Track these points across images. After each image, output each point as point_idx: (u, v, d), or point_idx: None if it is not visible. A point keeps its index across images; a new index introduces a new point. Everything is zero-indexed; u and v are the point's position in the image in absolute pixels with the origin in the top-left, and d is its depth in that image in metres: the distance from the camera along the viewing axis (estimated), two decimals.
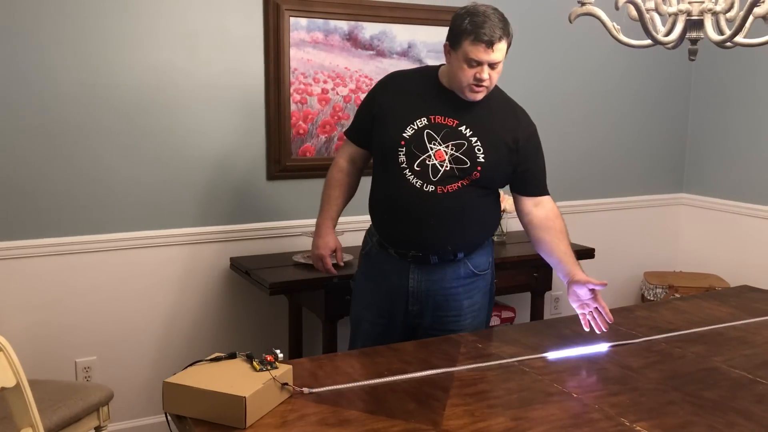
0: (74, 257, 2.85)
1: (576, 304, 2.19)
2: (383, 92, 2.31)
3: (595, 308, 2.15)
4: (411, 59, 3.34)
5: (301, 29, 3.10)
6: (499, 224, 3.13)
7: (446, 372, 1.88)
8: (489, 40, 2.05)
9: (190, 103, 2.96)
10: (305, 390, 1.72)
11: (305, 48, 3.12)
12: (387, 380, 1.81)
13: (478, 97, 2.16)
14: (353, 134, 2.42)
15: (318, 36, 3.14)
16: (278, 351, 1.71)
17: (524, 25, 3.07)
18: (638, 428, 1.59)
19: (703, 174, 4.18)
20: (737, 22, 1.80)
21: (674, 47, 1.95)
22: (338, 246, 2.48)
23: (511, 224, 3.33)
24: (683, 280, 3.91)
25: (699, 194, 4.21)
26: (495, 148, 2.19)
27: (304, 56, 3.12)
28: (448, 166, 2.16)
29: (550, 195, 2.33)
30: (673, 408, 1.70)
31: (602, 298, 2.17)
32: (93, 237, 2.87)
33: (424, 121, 2.19)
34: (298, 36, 3.10)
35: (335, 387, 1.76)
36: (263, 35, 3.05)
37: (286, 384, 1.68)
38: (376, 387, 1.79)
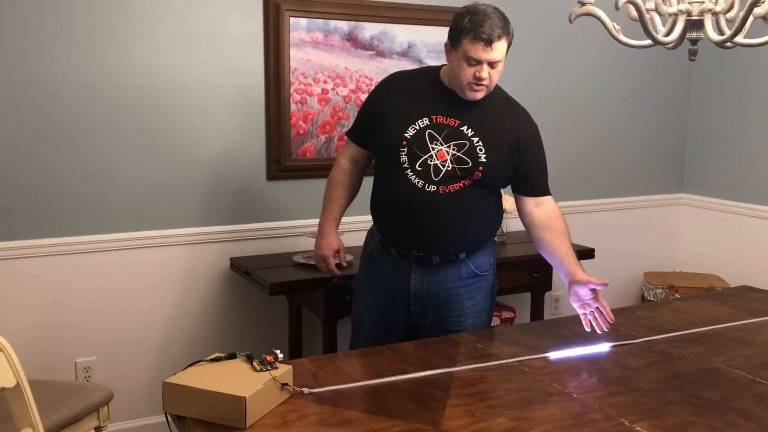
0: (74, 257, 2.85)
1: (577, 304, 2.18)
2: (385, 92, 2.32)
3: (597, 308, 2.15)
4: (411, 59, 3.34)
5: (301, 29, 3.10)
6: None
7: (446, 372, 1.88)
8: (488, 39, 2.05)
9: (190, 103, 2.96)
10: (305, 390, 1.72)
11: (305, 48, 3.12)
12: (387, 380, 1.81)
13: (478, 96, 2.16)
14: (355, 135, 2.42)
15: (318, 36, 3.14)
16: (278, 351, 1.71)
17: (524, 25, 3.06)
18: (638, 428, 1.59)
19: (703, 174, 4.18)
20: (737, 23, 1.80)
21: (674, 47, 1.95)
22: (341, 246, 2.49)
23: (512, 224, 3.33)
24: (683, 281, 3.91)
25: (699, 194, 4.21)
26: (497, 148, 2.19)
27: (304, 56, 3.12)
28: (450, 166, 2.16)
29: (552, 195, 2.34)
30: (673, 408, 1.70)
31: (602, 298, 2.17)
32: (92, 237, 2.87)
33: (426, 121, 2.19)
34: (298, 36, 3.10)
35: (335, 387, 1.76)
36: (263, 35, 3.05)
37: (286, 384, 1.68)
38: (376, 387, 1.79)
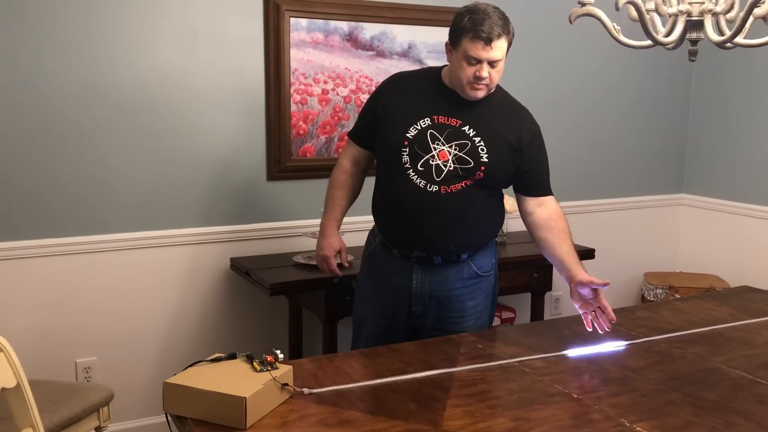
0: (74, 257, 2.85)
1: (578, 304, 2.18)
2: (386, 93, 2.32)
3: (598, 308, 2.15)
4: (411, 60, 3.34)
5: (302, 30, 3.10)
6: None
7: (446, 372, 1.88)
8: (488, 37, 2.05)
9: (191, 104, 2.96)
10: (305, 390, 1.72)
11: (305, 48, 3.12)
12: (387, 381, 1.81)
13: (479, 96, 2.16)
14: (356, 135, 2.42)
15: (318, 36, 3.14)
16: (278, 351, 1.72)
17: (525, 26, 3.06)
18: (638, 429, 1.59)
19: (704, 175, 4.18)
20: (737, 23, 1.80)
21: (674, 48, 1.95)
22: (343, 247, 2.48)
23: (512, 225, 3.33)
24: (683, 281, 3.91)
25: (699, 195, 4.21)
26: (498, 148, 2.19)
27: (305, 57, 3.12)
28: (452, 166, 2.16)
29: (554, 195, 2.34)
30: (674, 408, 1.70)
31: (604, 298, 2.17)
32: (92, 237, 2.87)
33: (428, 122, 2.19)
34: (299, 36, 3.10)
35: (335, 387, 1.76)
36: (263, 36, 3.05)
37: (287, 384, 1.68)
38: (377, 387, 1.79)
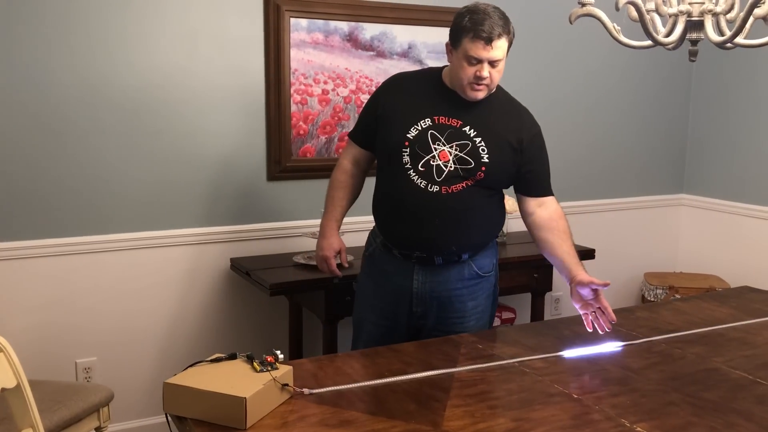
0: (74, 258, 2.85)
1: (578, 305, 2.18)
2: (387, 93, 2.32)
3: (598, 308, 2.15)
4: (411, 60, 3.34)
5: (302, 30, 3.10)
6: None
7: (447, 373, 1.88)
8: (488, 37, 2.05)
9: (191, 104, 2.96)
10: (305, 391, 1.72)
11: (305, 49, 3.12)
12: (387, 381, 1.81)
13: (479, 96, 2.16)
14: (357, 136, 2.42)
15: (318, 37, 3.14)
16: (278, 352, 1.72)
17: (525, 26, 3.06)
18: (639, 429, 1.59)
19: (704, 175, 4.18)
20: (737, 23, 1.80)
21: (675, 48, 1.95)
22: (342, 247, 2.48)
23: (512, 225, 3.33)
24: (683, 281, 3.91)
25: (699, 195, 4.21)
26: (499, 149, 2.19)
27: (305, 57, 3.12)
28: (453, 167, 2.16)
29: (554, 195, 2.34)
30: (674, 409, 1.70)
31: (604, 298, 2.17)
32: (93, 237, 2.87)
33: (428, 122, 2.19)
34: (299, 37, 3.10)
35: (336, 388, 1.76)
36: (263, 36, 3.05)
37: (287, 385, 1.68)
38: (377, 388, 1.79)
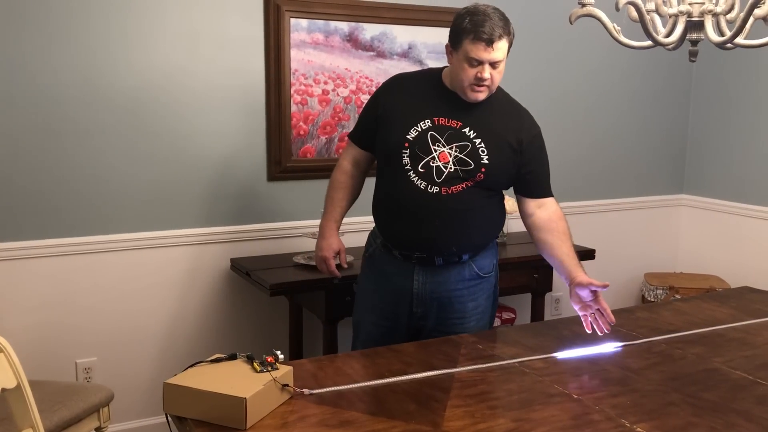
0: (74, 258, 2.85)
1: (578, 306, 2.18)
2: (387, 94, 2.32)
3: (597, 310, 2.15)
4: (411, 60, 3.34)
5: (302, 30, 3.10)
6: None
7: (447, 373, 1.87)
8: (489, 39, 2.05)
9: (191, 104, 2.96)
10: (306, 391, 1.72)
11: (306, 49, 3.12)
12: (387, 381, 1.81)
13: (480, 98, 2.16)
14: (357, 137, 2.42)
15: (318, 37, 3.14)
16: (279, 352, 1.72)
17: (525, 26, 3.06)
18: (639, 429, 1.59)
19: (704, 175, 4.18)
20: (738, 24, 1.80)
21: (675, 48, 1.95)
22: (342, 248, 2.48)
23: (512, 225, 3.33)
24: (684, 281, 3.91)
25: (699, 195, 4.21)
26: (499, 150, 2.19)
27: (305, 57, 3.12)
28: (452, 168, 2.16)
29: (554, 196, 2.34)
30: (674, 409, 1.70)
31: (603, 300, 2.17)
32: (93, 238, 2.87)
33: (428, 123, 2.19)
34: (299, 37, 3.10)
35: (336, 388, 1.76)
36: (264, 36, 3.05)
37: (287, 385, 1.68)
38: (377, 388, 1.79)
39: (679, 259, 4.30)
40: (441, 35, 3.09)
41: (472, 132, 2.17)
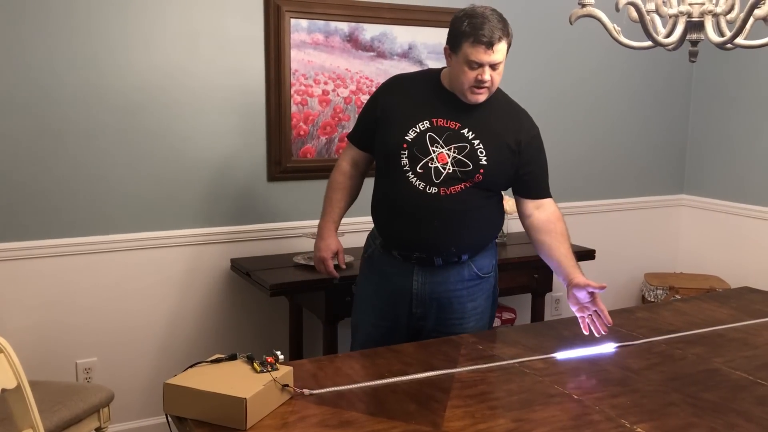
0: (74, 258, 2.85)
1: (575, 308, 2.19)
2: (386, 95, 2.32)
3: (595, 311, 2.15)
4: (411, 60, 3.34)
5: (302, 30, 3.10)
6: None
7: (447, 373, 1.88)
8: (489, 41, 2.05)
9: (191, 104, 2.96)
10: (306, 391, 1.72)
11: (306, 49, 3.12)
12: (387, 382, 1.81)
13: (480, 99, 2.16)
14: (356, 137, 2.42)
15: (318, 37, 3.14)
16: (279, 352, 1.72)
17: (524, 27, 3.07)
18: (639, 430, 1.59)
19: (704, 175, 4.18)
20: (738, 24, 1.80)
21: (675, 49, 1.95)
22: (340, 248, 2.49)
23: (512, 225, 3.33)
24: (684, 282, 3.91)
25: (699, 195, 4.21)
26: (497, 151, 2.19)
27: (305, 57, 3.12)
28: (451, 169, 2.16)
29: (552, 197, 2.33)
30: (674, 409, 1.70)
31: (602, 300, 2.18)
32: (93, 238, 2.87)
33: (427, 124, 2.19)
34: (299, 37, 3.10)
35: (336, 388, 1.76)
36: (264, 36, 3.05)
37: (287, 385, 1.68)
38: (377, 388, 1.79)
39: (679, 260, 4.30)
40: (441, 36, 3.08)
41: (471, 133, 2.17)
